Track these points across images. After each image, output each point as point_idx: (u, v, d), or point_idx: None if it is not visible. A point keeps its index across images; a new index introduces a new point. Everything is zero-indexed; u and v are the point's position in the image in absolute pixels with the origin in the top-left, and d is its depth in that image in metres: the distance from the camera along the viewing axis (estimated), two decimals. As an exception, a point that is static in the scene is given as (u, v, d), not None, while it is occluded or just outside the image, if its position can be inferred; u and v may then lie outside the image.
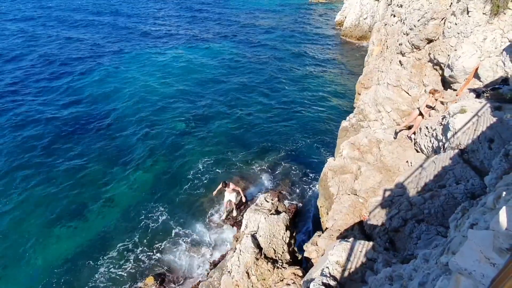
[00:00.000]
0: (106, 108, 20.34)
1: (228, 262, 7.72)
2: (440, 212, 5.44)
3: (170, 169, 15.19)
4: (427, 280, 3.27)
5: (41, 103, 20.64)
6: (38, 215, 12.64)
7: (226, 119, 19.41)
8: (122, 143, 17.01)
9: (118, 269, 10.63)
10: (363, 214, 7.86)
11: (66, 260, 10.97)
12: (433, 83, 10.39)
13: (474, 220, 2.91)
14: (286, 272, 7.25)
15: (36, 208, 12.93)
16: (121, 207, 13.08)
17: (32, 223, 12.28)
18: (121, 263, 10.80)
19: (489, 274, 1.93)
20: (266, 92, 22.84)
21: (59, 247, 11.45)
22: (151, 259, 10.96)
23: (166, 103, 21.03)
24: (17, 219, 12.43)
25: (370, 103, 11.81)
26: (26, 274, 10.53)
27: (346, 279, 5.45)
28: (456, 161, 6.14)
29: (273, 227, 8.19)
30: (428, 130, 8.35)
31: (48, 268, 10.72)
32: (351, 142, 10.34)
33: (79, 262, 10.86)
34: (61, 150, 16.26)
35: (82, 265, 10.76)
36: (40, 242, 11.56)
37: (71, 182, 14.25)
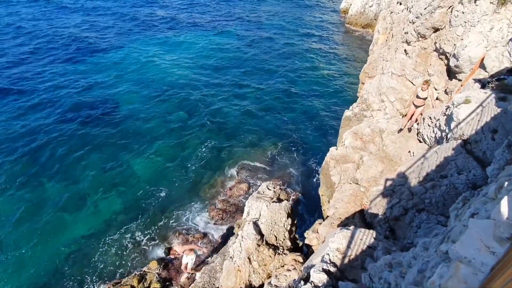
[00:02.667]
0: (112, 93, 20.31)
1: (230, 248, 7.87)
2: (441, 202, 5.49)
3: (174, 156, 15.30)
4: (426, 267, 3.34)
5: (56, 86, 20.66)
6: (47, 199, 12.86)
7: (229, 107, 19.36)
8: (128, 129, 17.05)
9: (123, 253, 10.89)
10: (364, 203, 7.95)
11: (73, 244, 11.23)
12: (438, 73, 10.27)
13: (475, 210, 2.94)
14: (287, 258, 7.40)
15: (45, 192, 13.13)
16: (126, 194, 13.26)
17: (42, 208, 12.49)
18: (125, 248, 11.04)
19: (488, 262, 1.97)
20: (268, 81, 22.67)
21: (67, 232, 11.70)
22: (154, 245, 11.19)
23: (172, 91, 20.93)
24: (27, 204, 12.64)
25: (373, 92, 11.72)
26: (35, 257, 10.80)
27: (346, 265, 5.56)
28: (458, 151, 6.15)
29: (274, 215, 8.30)
30: (431, 120, 8.32)
31: (56, 251, 10.99)
32: (354, 132, 10.33)
33: (86, 247, 11.12)
34: (70, 136, 16.35)
35: (88, 250, 11.02)
36: (49, 227, 11.81)
37: (78, 167, 14.42)
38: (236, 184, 13.62)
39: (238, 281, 7.25)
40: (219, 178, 14.15)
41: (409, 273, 3.80)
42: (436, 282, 2.43)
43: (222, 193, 13.29)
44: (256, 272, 7.29)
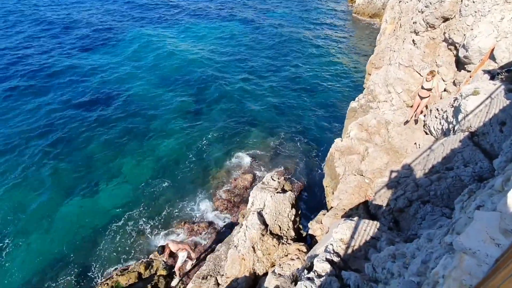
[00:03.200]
0: (122, 81, 20.38)
1: (235, 237, 7.99)
2: (446, 194, 5.48)
3: (179, 146, 15.39)
4: (430, 258, 3.36)
5: (68, 73, 20.78)
6: (53, 186, 13.10)
7: (233, 98, 19.31)
8: (135, 118, 17.14)
9: (129, 241, 11.12)
10: (369, 194, 7.96)
11: (81, 231, 11.48)
12: (446, 64, 10.09)
13: (481, 202, 2.94)
14: (291, 248, 7.50)
15: (51, 179, 13.37)
16: (132, 183, 13.43)
17: (47, 194, 12.75)
18: (132, 236, 11.27)
19: (493, 254, 1.99)
20: (273, 71, 22.49)
21: (74, 219, 11.94)
22: (160, 233, 11.40)
23: (177, 81, 20.89)
24: (34, 190, 12.90)
25: (380, 83, 11.58)
26: (42, 244, 11.09)
27: (349, 256, 5.62)
28: (465, 143, 6.10)
29: (279, 205, 8.37)
30: (438, 112, 8.23)
31: (63, 238, 11.25)
32: (359, 123, 10.28)
33: (92, 234, 11.36)
34: (78, 122, 16.52)
35: (95, 237, 11.27)
36: (56, 214, 12.06)
37: (84, 154, 14.63)
38: (241, 175, 13.71)
39: (243, 269, 7.39)
40: (223, 168, 14.24)
41: (412, 263, 3.84)
42: (440, 273, 2.46)
43: (227, 184, 13.40)
44: (260, 261, 7.42)
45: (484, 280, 1.79)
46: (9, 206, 12.28)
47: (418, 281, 3.25)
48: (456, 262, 2.21)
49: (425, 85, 8.48)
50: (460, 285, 2.03)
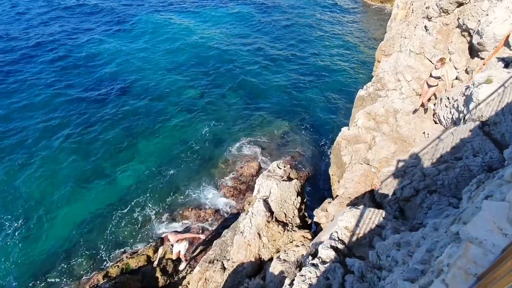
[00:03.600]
0: (129, 68, 20.37)
1: (241, 224, 8.12)
2: (454, 184, 5.44)
3: (186, 134, 15.50)
4: (435, 247, 3.37)
5: (74, 58, 20.85)
6: (65, 173, 13.41)
7: (240, 85, 19.19)
8: (142, 104, 17.22)
9: (138, 226, 11.42)
10: (375, 183, 7.95)
11: (90, 216, 11.79)
12: (459, 51, 9.80)
13: (489, 192, 2.92)
14: (296, 235, 7.59)
15: (63, 167, 13.67)
16: (139, 169, 13.65)
17: (59, 181, 13.06)
18: (140, 221, 11.56)
19: (500, 244, 1.98)
20: (281, 58, 22.17)
21: (83, 203, 12.26)
22: (169, 218, 11.64)
23: (184, 68, 20.78)
24: (46, 176, 13.21)
25: (389, 71, 11.35)
26: (54, 227, 11.45)
27: (354, 243, 5.67)
28: (475, 133, 5.99)
29: (284, 193, 8.43)
30: (449, 101, 8.06)
31: (74, 223, 11.59)
32: (367, 112, 10.15)
33: (102, 219, 11.66)
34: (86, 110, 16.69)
35: (104, 222, 11.57)
36: (66, 199, 12.39)
37: (93, 140, 14.84)
38: (247, 163, 13.78)
39: (248, 254, 7.53)
40: (230, 156, 14.33)
41: (417, 251, 3.86)
42: (445, 261, 2.47)
43: (233, 171, 13.51)
44: (266, 247, 7.54)
45: (490, 269, 1.79)
46: (23, 190, 12.63)
47: (422, 269, 3.27)
48: (462, 251, 2.22)
49: (434, 73, 8.27)
50: (465, 273, 2.04)
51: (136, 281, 9.10)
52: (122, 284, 8.79)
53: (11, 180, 12.95)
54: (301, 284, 4.85)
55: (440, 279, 2.27)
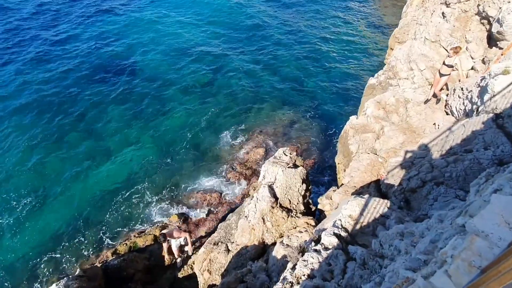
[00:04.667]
0: (133, 52, 20.26)
1: (246, 208, 8.23)
2: (462, 177, 5.38)
3: (192, 119, 15.51)
4: (439, 238, 3.37)
5: (77, 44, 20.79)
6: (73, 152, 13.69)
7: (248, 71, 18.96)
8: (148, 89, 17.22)
9: (145, 207, 11.69)
10: (381, 173, 7.91)
11: (99, 197, 12.10)
12: (477, 40, 9.45)
13: (498, 186, 2.88)
14: (300, 221, 7.68)
15: (67, 147, 13.93)
16: (146, 153, 13.82)
17: (67, 160, 13.35)
18: (148, 202, 11.81)
19: (506, 238, 1.97)
20: (290, 43, 21.71)
21: (91, 184, 12.54)
22: (175, 200, 11.88)
23: (191, 53, 20.56)
24: (57, 158, 13.50)
25: (402, 59, 11.05)
26: (62, 204, 11.80)
27: (357, 231, 5.71)
28: (488, 125, 5.85)
29: (289, 180, 8.46)
30: (462, 92, 7.85)
31: (82, 201, 11.92)
32: (377, 101, 9.98)
33: (110, 199, 11.95)
34: (90, 94, 16.79)
35: (112, 202, 11.86)
36: (75, 177, 12.70)
37: (98, 125, 15.00)
38: (253, 149, 13.81)
39: (252, 238, 7.68)
40: (236, 141, 14.36)
41: (420, 242, 3.87)
42: (449, 253, 2.47)
43: (239, 157, 13.58)
44: (269, 231, 7.67)
45: (495, 262, 1.79)
46: (30, 169, 12.95)
47: (425, 259, 3.28)
48: (467, 244, 2.22)
49: (447, 61, 8.02)
50: (469, 266, 2.04)
51: (143, 259, 9.42)
52: (130, 261, 9.11)
53: (19, 159, 13.28)
54: (303, 269, 4.94)
55: (443, 270, 2.28)
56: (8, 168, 12.91)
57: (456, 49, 7.84)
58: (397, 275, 3.38)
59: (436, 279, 2.28)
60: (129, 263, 9.06)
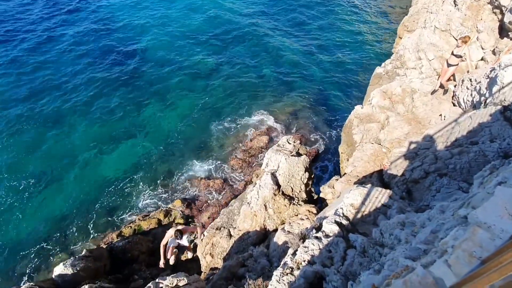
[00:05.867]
0: (140, 38, 20.04)
1: (248, 195, 8.32)
2: (466, 169, 5.37)
3: (197, 106, 15.48)
4: (440, 229, 3.40)
5: (84, 27, 20.57)
6: (82, 135, 13.82)
7: (253, 58, 18.71)
8: (154, 75, 17.13)
9: (151, 191, 11.85)
10: (384, 163, 7.91)
11: (105, 180, 12.28)
12: (488, 30, 9.21)
13: (503, 179, 2.87)
14: (301, 209, 7.76)
15: (79, 129, 14.05)
16: (151, 139, 13.89)
17: (75, 146, 13.48)
18: (153, 187, 11.97)
19: (509, 229, 1.98)
20: (296, 32, 21.29)
21: (98, 169, 12.71)
22: (178, 185, 12.03)
23: (198, 39, 20.26)
24: (63, 142, 13.64)
25: (411, 48, 10.83)
26: (69, 190, 12.00)
27: (358, 220, 5.77)
28: (496, 118, 5.79)
29: (292, 168, 8.50)
30: (471, 83, 7.72)
31: (90, 184, 12.10)
32: (383, 90, 9.86)
33: (116, 183, 12.12)
34: (96, 79, 16.74)
35: (118, 186, 12.03)
36: (83, 160, 12.88)
37: (105, 111, 15.04)
38: (257, 136, 13.82)
39: (254, 224, 7.80)
40: (240, 129, 14.36)
41: (421, 232, 3.90)
42: (450, 243, 2.50)
43: (243, 144, 13.61)
44: (271, 218, 7.77)
45: (496, 254, 1.81)
46: (38, 156, 13.11)
47: (425, 249, 3.32)
48: (468, 234, 2.23)
49: (456, 50, 7.84)
50: (469, 256, 2.07)
51: (147, 241, 9.63)
52: (135, 244, 9.33)
53: (27, 143, 13.43)
54: (303, 255, 5.03)
55: (443, 259, 2.31)
56: (16, 152, 13.09)
57: (465, 39, 7.65)
58: (397, 264, 3.43)
59: (435, 268, 2.31)
60: (133, 245, 9.28)
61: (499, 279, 1.33)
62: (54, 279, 7.33)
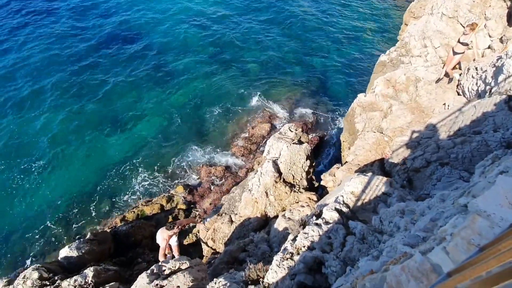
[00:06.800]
0: (145, 23, 19.73)
1: (250, 182, 8.39)
2: (468, 158, 5.36)
3: (200, 93, 15.41)
4: (440, 217, 3.43)
5: (92, 13, 20.25)
6: (85, 120, 13.85)
7: (256, 46, 18.42)
8: (159, 61, 16.96)
9: (153, 177, 11.96)
10: (386, 152, 7.91)
11: (109, 165, 12.38)
12: (496, 17, 8.98)
13: (505, 168, 2.88)
14: (302, 196, 7.84)
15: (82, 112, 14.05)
16: (155, 125, 13.90)
17: (81, 130, 13.52)
18: (156, 173, 12.07)
19: (508, 218, 2.00)
20: (301, 17, 20.85)
21: (103, 152, 12.80)
22: (181, 171, 12.12)
23: (203, 24, 19.92)
24: (70, 126, 13.67)
25: (417, 36, 10.62)
26: (74, 174, 12.12)
27: (358, 208, 5.82)
28: (500, 107, 5.73)
29: (294, 155, 8.53)
30: (477, 72, 7.60)
31: (95, 171, 12.22)
32: (387, 79, 9.74)
33: (120, 169, 12.23)
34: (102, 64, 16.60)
35: (121, 171, 12.14)
36: (87, 145, 12.96)
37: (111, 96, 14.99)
38: (258, 124, 13.79)
39: (255, 210, 7.90)
40: (242, 116, 14.32)
41: (420, 220, 3.94)
42: (449, 231, 2.53)
43: (244, 131, 13.60)
44: (272, 205, 7.86)
45: (494, 241, 1.84)
46: (46, 138, 13.18)
47: (424, 236, 3.37)
48: (468, 222, 2.26)
49: (462, 38, 7.67)
50: (467, 243, 2.09)
51: (150, 226, 9.81)
52: (138, 228, 9.50)
53: (31, 127, 13.47)
54: (303, 241, 5.11)
55: (441, 246, 2.34)
56: (24, 134, 13.18)
57: (473, 26, 7.47)
58: (395, 250, 3.49)
59: (433, 255, 2.34)
60: (136, 229, 9.45)
61: (497, 265, 1.35)
62: (60, 261, 7.52)
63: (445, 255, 2.25)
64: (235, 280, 4.89)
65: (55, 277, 6.61)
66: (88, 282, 6.32)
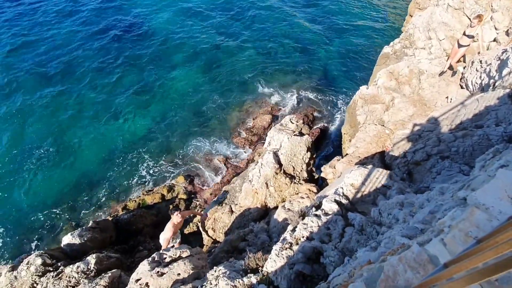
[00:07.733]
0: (147, 11, 19.47)
1: (250, 173, 8.42)
2: (469, 152, 5.36)
3: (202, 85, 15.32)
4: (439, 210, 3.45)
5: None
6: (88, 109, 13.88)
7: (258, 36, 18.21)
8: (161, 50, 16.83)
9: (155, 167, 12.02)
10: (387, 145, 7.91)
11: (111, 155, 12.44)
12: (503, 9, 8.83)
13: (505, 162, 2.88)
14: (302, 188, 7.88)
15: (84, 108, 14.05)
16: (156, 114, 13.88)
17: (83, 120, 13.53)
18: (157, 163, 12.13)
19: (507, 211, 2.02)
20: (303, 11, 20.52)
21: (105, 144, 12.84)
22: (182, 162, 12.16)
23: (200, 17, 19.66)
24: (72, 116, 13.68)
25: (421, 27, 10.47)
26: (77, 163, 12.19)
27: (358, 199, 5.86)
28: (503, 101, 5.69)
29: (294, 147, 8.54)
30: (481, 65, 7.53)
31: (96, 161, 12.28)
32: (390, 71, 9.66)
33: (121, 158, 12.29)
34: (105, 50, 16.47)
35: (123, 161, 12.20)
36: (90, 134, 13.00)
37: (109, 83, 14.93)
38: (260, 115, 13.76)
39: (255, 201, 7.96)
40: (243, 108, 14.28)
41: (419, 212, 3.97)
42: (447, 223, 2.55)
43: (246, 123, 13.58)
44: (272, 196, 7.92)
45: (492, 234, 1.86)
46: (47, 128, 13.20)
47: (422, 228, 3.40)
48: (466, 215, 2.28)
49: (468, 31, 7.55)
50: (465, 235, 2.12)
51: (151, 215, 9.92)
52: (139, 217, 9.61)
53: (37, 113, 13.49)
54: (302, 231, 5.16)
55: (439, 238, 2.37)
56: (25, 123, 13.20)
57: (480, 17, 7.34)
58: (393, 242, 3.53)
59: (431, 246, 2.37)
60: (138, 218, 9.56)
61: (494, 257, 1.37)
62: (63, 248, 7.64)
63: (443, 247, 2.28)
64: (234, 269, 4.97)
65: (58, 263, 6.73)
66: (90, 269, 6.43)
